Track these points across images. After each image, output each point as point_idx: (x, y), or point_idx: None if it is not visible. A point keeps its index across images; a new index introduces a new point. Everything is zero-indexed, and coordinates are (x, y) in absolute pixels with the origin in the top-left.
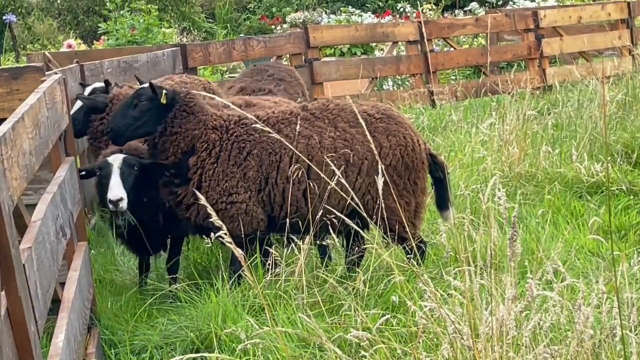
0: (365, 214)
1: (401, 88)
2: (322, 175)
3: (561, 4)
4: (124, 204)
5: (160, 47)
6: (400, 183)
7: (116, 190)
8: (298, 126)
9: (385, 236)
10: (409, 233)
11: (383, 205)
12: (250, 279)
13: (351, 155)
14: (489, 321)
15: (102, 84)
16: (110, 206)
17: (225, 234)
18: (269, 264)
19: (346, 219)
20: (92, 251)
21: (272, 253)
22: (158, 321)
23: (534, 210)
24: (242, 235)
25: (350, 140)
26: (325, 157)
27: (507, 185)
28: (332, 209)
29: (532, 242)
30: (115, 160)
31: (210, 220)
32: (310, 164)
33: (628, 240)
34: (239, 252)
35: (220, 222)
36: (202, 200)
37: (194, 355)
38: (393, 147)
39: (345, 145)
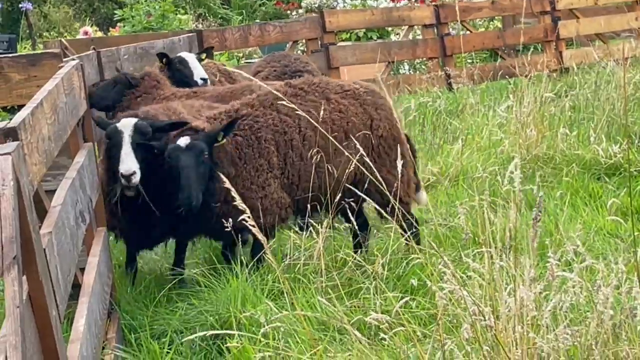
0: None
1: (418, 72)
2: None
3: None
4: (136, 178)
5: (176, 33)
6: (391, 154)
7: (129, 162)
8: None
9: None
10: (406, 205)
11: (380, 177)
12: (272, 261)
13: (349, 127)
14: (509, 302)
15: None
16: (122, 180)
17: (249, 216)
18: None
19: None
20: (111, 237)
21: (290, 237)
22: (178, 306)
23: (552, 193)
24: (275, 227)
25: (346, 112)
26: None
27: (525, 168)
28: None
29: (550, 224)
30: (126, 127)
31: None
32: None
33: None
34: (260, 236)
35: (244, 206)
36: (227, 183)
37: (214, 332)
38: (382, 119)
39: (342, 117)
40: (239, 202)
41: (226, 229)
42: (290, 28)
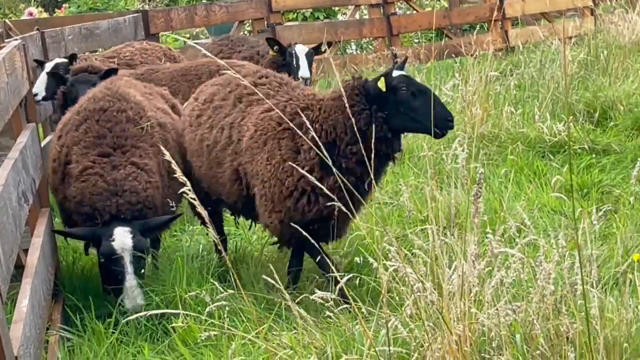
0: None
1: (365, 51)
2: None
3: None
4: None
5: (122, 13)
6: None
7: (138, 298)
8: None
9: None
10: None
11: None
12: (214, 238)
13: None
14: (452, 278)
15: (65, 60)
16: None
17: (190, 190)
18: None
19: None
20: (56, 219)
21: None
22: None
23: (497, 170)
24: None
25: None
26: None
27: (471, 146)
28: None
29: (495, 201)
30: (125, 249)
31: None
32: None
33: (590, 198)
34: (202, 210)
35: (185, 179)
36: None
37: (158, 311)
38: None
39: None
40: (179, 175)
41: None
42: (236, 8)
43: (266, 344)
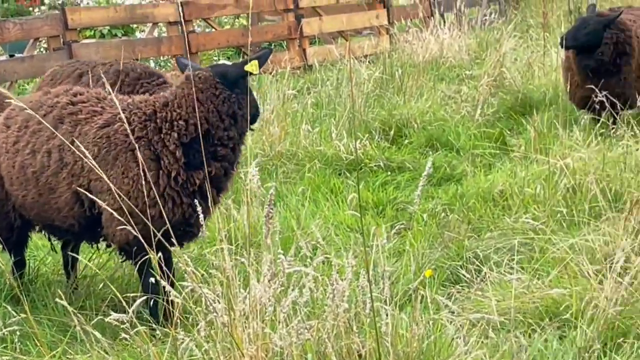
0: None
1: (164, 69)
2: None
3: None
4: None
5: None
6: None
7: None
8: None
9: None
10: None
11: None
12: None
13: None
14: (246, 299)
15: None
16: None
17: None
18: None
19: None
20: None
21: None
22: None
23: (295, 189)
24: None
25: None
26: None
27: (268, 164)
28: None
29: (292, 219)
30: None
31: None
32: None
33: (385, 216)
34: None
35: None
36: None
37: None
38: None
39: None
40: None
41: None
42: (30, 25)
43: None
